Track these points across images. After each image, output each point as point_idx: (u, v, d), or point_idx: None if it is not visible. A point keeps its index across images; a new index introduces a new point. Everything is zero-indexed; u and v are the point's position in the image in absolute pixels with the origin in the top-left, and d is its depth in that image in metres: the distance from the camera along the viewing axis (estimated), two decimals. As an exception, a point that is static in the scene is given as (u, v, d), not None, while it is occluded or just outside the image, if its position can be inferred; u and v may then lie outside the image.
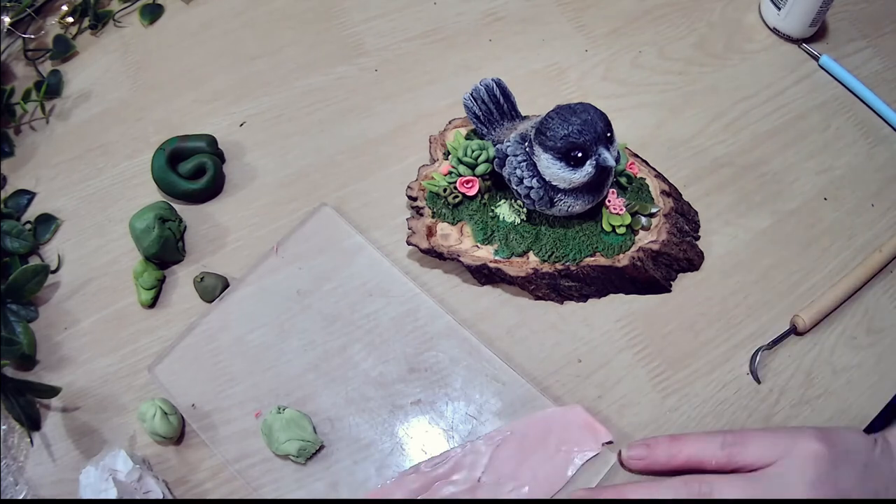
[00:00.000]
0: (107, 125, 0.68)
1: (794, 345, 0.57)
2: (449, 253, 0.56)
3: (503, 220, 0.57)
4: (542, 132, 0.50)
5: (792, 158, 0.65)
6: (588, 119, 0.49)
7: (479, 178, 0.57)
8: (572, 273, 0.55)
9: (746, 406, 0.55)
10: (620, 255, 0.55)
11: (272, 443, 0.51)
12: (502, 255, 0.56)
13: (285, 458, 0.52)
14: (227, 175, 0.64)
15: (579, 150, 0.49)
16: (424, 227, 0.57)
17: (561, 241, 0.56)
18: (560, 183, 0.51)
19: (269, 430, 0.51)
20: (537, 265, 0.55)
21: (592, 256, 0.55)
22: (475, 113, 0.58)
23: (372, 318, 0.57)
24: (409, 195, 0.59)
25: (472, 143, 0.57)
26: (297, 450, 0.50)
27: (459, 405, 0.54)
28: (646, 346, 0.56)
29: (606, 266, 0.55)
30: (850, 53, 0.72)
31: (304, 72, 0.70)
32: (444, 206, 0.57)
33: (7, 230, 0.61)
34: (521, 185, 0.53)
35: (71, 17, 0.74)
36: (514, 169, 0.53)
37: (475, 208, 0.57)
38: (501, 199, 0.58)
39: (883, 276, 0.60)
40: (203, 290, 0.58)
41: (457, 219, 0.57)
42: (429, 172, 0.59)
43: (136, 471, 0.49)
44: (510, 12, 0.73)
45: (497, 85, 0.57)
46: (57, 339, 0.58)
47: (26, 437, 0.54)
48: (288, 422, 0.51)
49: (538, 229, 0.56)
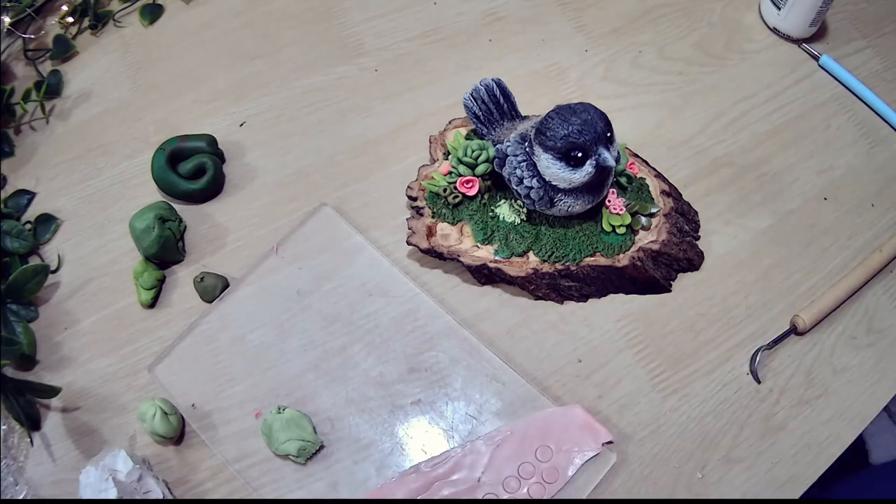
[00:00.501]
0: (107, 125, 0.68)
1: (794, 345, 0.57)
2: (449, 253, 0.56)
3: (503, 220, 0.57)
4: (542, 132, 0.50)
5: (792, 158, 0.65)
6: (588, 119, 0.49)
7: (479, 178, 0.57)
8: (572, 273, 0.55)
9: (746, 406, 0.55)
10: (620, 255, 0.55)
11: (272, 443, 0.51)
12: (502, 255, 0.56)
13: (285, 458, 0.52)
14: (227, 175, 0.64)
15: (579, 150, 0.49)
16: (424, 227, 0.57)
17: (561, 241, 0.56)
18: (560, 183, 0.51)
19: (269, 430, 0.51)
20: (537, 265, 0.55)
21: (592, 256, 0.55)
22: (475, 113, 0.58)
23: (372, 318, 0.57)
24: (409, 195, 0.59)
25: (472, 143, 0.57)
26: (297, 450, 0.50)
27: (459, 405, 0.54)
28: (646, 346, 0.56)
29: (606, 266, 0.55)
30: (850, 53, 0.71)
31: (304, 72, 0.70)
32: (444, 206, 0.57)
33: (7, 230, 0.61)
34: (521, 185, 0.53)
35: (71, 17, 0.73)
36: (514, 169, 0.53)
37: (475, 208, 0.57)
38: (501, 199, 0.58)
39: (883, 276, 0.60)
40: (203, 290, 0.58)
41: (457, 219, 0.57)
42: (429, 172, 0.59)
43: (136, 471, 0.49)
44: (510, 12, 0.73)
45: (497, 85, 0.57)
46: (57, 339, 0.58)
47: (26, 437, 0.54)
48: (288, 422, 0.51)
49: (538, 229, 0.56)
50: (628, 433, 0.53)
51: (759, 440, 0.54)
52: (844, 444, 0.54)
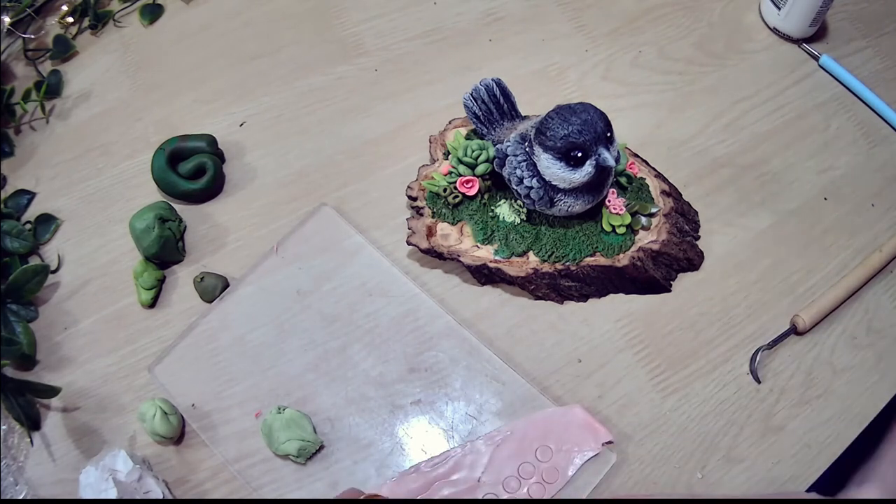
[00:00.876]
0: (107, 125, 0.68)
1: (794, 345, 0.57)
2: (449, 253, 0.56)
3: (503, 220, 0.57)
4: (542, 132, 0.50)
5: (792, 158, 0.65)
6: (588, 119, 0.49)
7: (479, 178, 0.57)
8: (572, 273, 0.55)
9: (746, 406, 0.55)
10: (620, 254, 0.55)
11: (272, 443, 0.51)
12: (502, 255, 0.56)
13: (285, 458, 0.52)
14: (227, 175, 0.64)
15: (579, 150, 0.49)
16: (424, 227, 0.57)
17: (561, 241, 0.56)
18: (560, 183, 0.51)
19: (269, 431, 0.51)
20: (537, 265, 0.55)
21: (592, 256, 0.55)
22: (475, 113, 0.58)
23: (372, 318, 0.57)
24: (409, 195, 0.59)
25: (472, 143, 0.57)
26: (297, 450, 0.50)
27: (459, 405, 0.54)
28: (646, 346, 0.56)
29: (606, 266, 0.55)
30: (850, 53, 0.71)
31: (304, 72, 0.70)
32: (444, 206, 0.57)
33: (7, 230, 0.61)
34: (521, 185, 0.53)
35: (71, 17, 0.73)
36: (514, 169, 0.53)
37: (475, 208, 0.57)
38: (501, 199, 0.58)
39: (883, 276, 0.60)
40: (203, 290, 0.58)
41: (457, 219, 0.57)
42: (429, 172, 0.59)
43: (136, 471, 0.49)
44: (510, 12, 0.73)
45: (497, 85, 0.57)
46: (57, 339, 0.58)
47: (26, 437, 0.54)
48: (288, 422, 0.51)
49: (538, 229, 0.56)
50: (628, 433, 0.53)
51: (759, 440, 0.54)
52: (844, 443, 0.54)
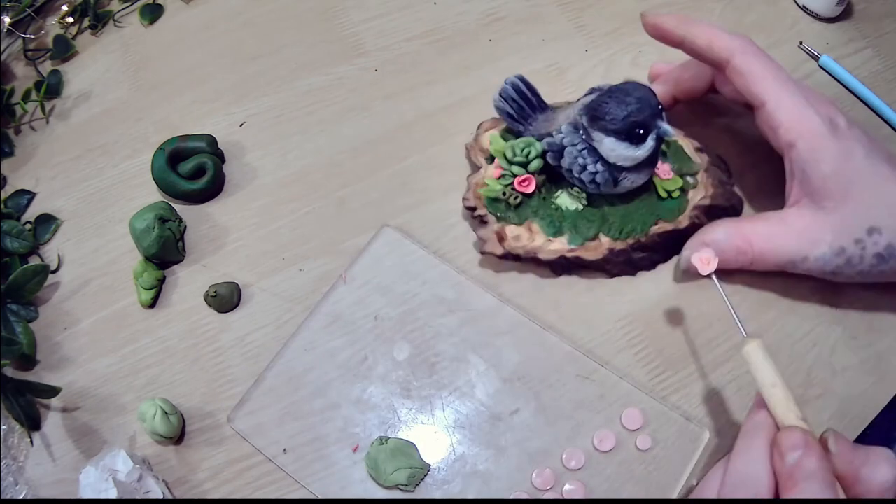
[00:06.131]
0: (107, 125, 0.68)
1: (794, 344, 0.57)
2: (526, 253, 0.56)
3: (566, 209, 0.58)
4: (600, 117, 0.52)
5: (792, 158, 0.65)
6: (642, 96, 0.51)
7: (533, 175, 0.57)
8: (643, 245, 0.57)
9: (747, 406, 0.54)
10: (680, 217, 0.57)
11: (380, 475, 0.50)
12: (576, 242, 0.56)
13: (393, 488, 0.50)
14: (227, 175, 0.64)
15: (641, 127, 0.51)
16: (493, 233, 0.57)
17: (626, 218, 0.57)
18: (625, 162, 0.53)
19: (374, 464, 0.50)
20: (610, 244, 0.56)
21: (656, 225, 0.57)
22: (508, 112, 0.58)
23: (455, 333, 0.56)
24: (467, 206, 0.58)
25: (517, 143, 0.57)
26: (407, 477, 0.49)
27: (557, 414, 0.52)
28: (646, 346, 0.56)
29: (670, 230, 0.57)
30: (850, 53, 0.71)
31: (304, 72, 0.70)
32: (506, 209, 0.58)
33: (7, 230, 0.61)
34: (585, 171, 0.54)
35: (71, 17, 0.74)
36: (575, 158, 0.54)
37: (537, 205, 0.58)
38: (557, 190, 0.59)
39: (883, 276, 0.60)
40: (219, 303, 0.57)
41: (523, 218, 0.58)
42: (479, 180, 0.59)
43: (136, 471, 0.49)
44: (510, 12, 0.73)
45: (521, 81, 0.58)
46: (57, 339, 0.58)
47: (26, 437, 0.54)
48: (393, 451, 0.50)
49: (602, 210, 0.57)
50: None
51: (759, 440, 0.53)
52: (844, 444, 0.54)
